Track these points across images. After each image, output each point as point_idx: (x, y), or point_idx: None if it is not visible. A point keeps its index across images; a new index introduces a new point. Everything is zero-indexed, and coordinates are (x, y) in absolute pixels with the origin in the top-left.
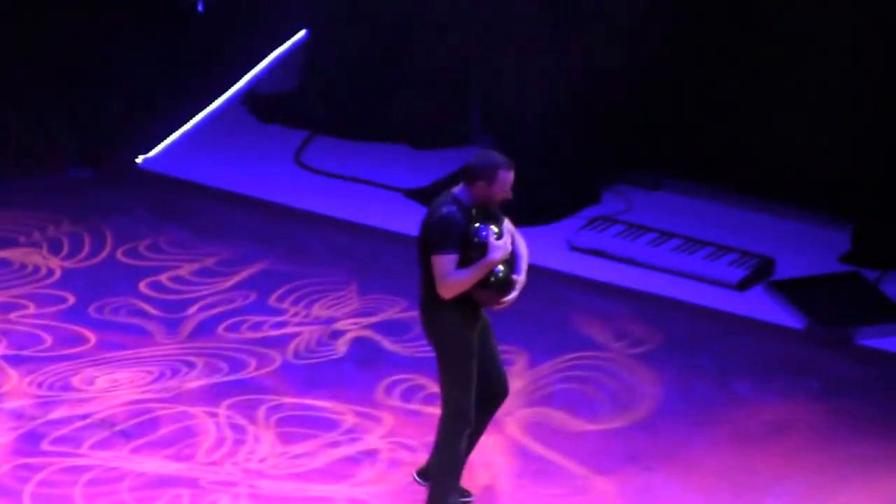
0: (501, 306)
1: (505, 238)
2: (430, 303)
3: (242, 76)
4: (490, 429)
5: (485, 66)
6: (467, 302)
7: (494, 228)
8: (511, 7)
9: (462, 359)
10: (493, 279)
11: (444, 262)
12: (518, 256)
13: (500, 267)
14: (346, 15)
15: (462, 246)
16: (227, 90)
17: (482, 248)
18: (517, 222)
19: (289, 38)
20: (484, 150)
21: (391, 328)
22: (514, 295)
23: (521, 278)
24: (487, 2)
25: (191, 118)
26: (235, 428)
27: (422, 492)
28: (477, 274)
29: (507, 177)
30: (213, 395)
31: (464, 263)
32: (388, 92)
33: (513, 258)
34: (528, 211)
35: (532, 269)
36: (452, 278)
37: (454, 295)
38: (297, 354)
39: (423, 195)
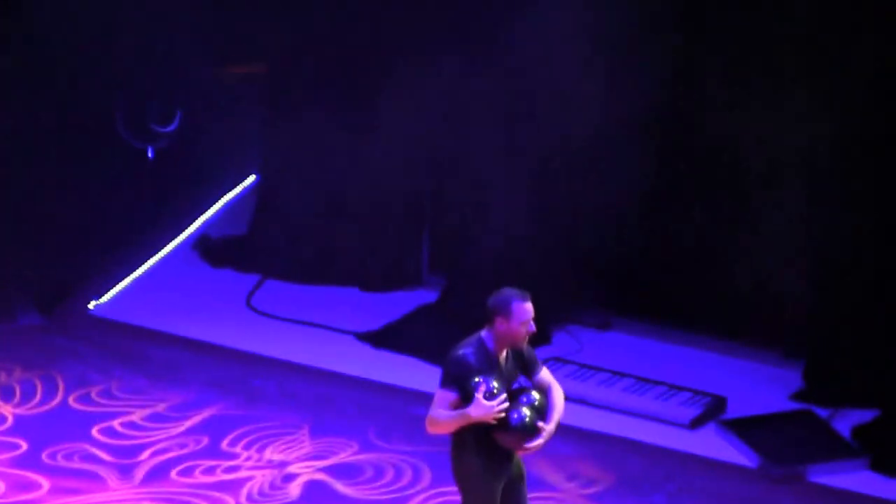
0: (525, 451)
1: (497, 400)
2: (457, 443)
3: (193, 221)
4: None
5: (433, 208)
6: (497, 449)
7: (495, 384)
8: (460, 146)
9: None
10: (517, 425)
11: (438, 398)
12: (550, 407)
13: (527, 413)
14: (293, 161)
15: (464, 389)
16: (177, 235)
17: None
18: None
19: (239, 184)
20: (500, 289)
21: (344, 471)
22: (539, 441)
23: (548, 427)
24: (437, 144)
25: (142, 263)
26: None
27: None
28: (452, 422)
29: (522, 307)
30: None
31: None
32: (336, 236)
33: (544, 407)
34: None
35: None
36: (434, 415)
37: (433, 432)
38: (250, 498)
39: (374, 337)
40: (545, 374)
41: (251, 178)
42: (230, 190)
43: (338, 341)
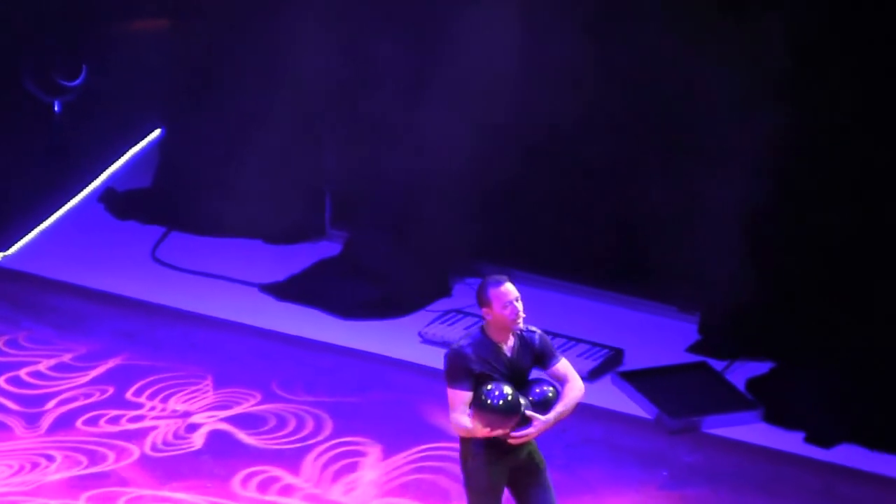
0: (515, 440)
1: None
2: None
3: (99, 174)
4: None
5: (336, 160)
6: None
7: (508, 390)
8: (364, 100)
9: (476, 490)
10: (495, 405)
11: (452, 399)
12: (559, 399)
13: (508, 392)
14: (197, 113)
15: (471, 380)
16: (83, 188)
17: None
18: (368, 315)
19: (144, 137)
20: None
21: (247, 421)
22: (530, 431)
23: (543, 417)
24: (342, 97)
25: (49, 216)
26: None
27: None
28: (472, 430)
29: (499, 291)
30: (72, 487)
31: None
32: (239, 189)
33: (553, 401)
34: (379, 304)
35: (383, 361)
36: (458, 421)
37: (462, 434)
38: (154, 447)
39: (277, 290)
40: (562, 365)
41: (156, 132)
42: (135, 144)
43: (242, 293)
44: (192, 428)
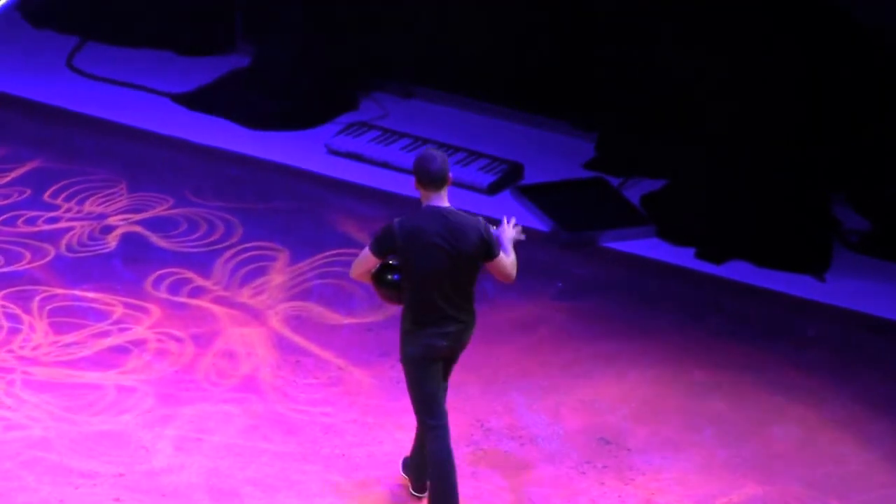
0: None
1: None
2: (473, 305)
3: None
4: (252, 321)
5: None
6: (414, 312)
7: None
8: None
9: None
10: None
11: (506, 258)
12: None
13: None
14: None
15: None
16: None
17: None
18: (276, 126)
19: None
20: (424, 157)
21: (159, 224)
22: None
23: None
24: None
25: None
26: (10, 317)
27: (186, 381)
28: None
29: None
30: None
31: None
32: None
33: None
34: (287, 116)
35: (291, 171)
36: (511, 261)
37: (514, 274)
38: (69, 248)
39: (188, 99)
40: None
41: None
42: None
43: (155, 102)
44: (107, 229)
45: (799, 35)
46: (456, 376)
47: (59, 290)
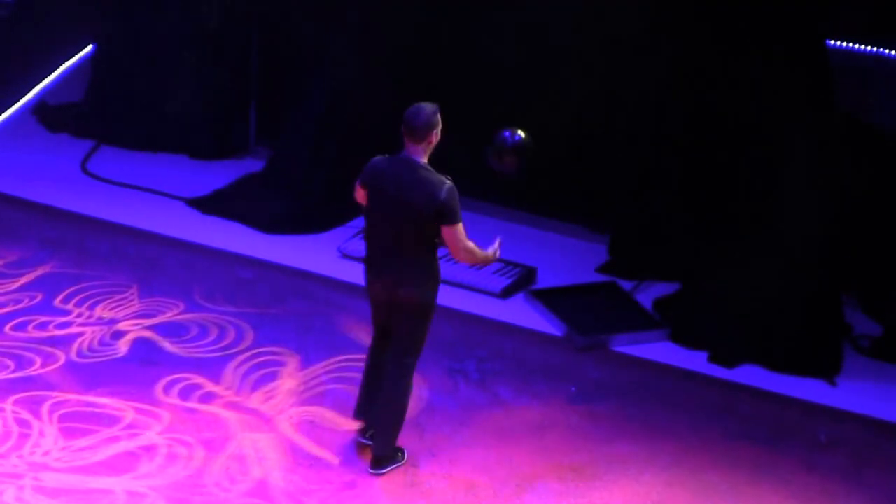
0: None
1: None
2: (428, 272)
3: (32, 88)
4: (263, 426)
5: (260, 79)
6: (366, 249)
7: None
8: (284, 18)
9: (429, 319)
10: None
11: (461, 232)
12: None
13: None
14: (128, 31)
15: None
16: (17, 100)
17: None
18: (289, 230)
19: (77, 53)
20: (412, 108)
21: (170, 329)
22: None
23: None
24: (268, 12)
25: None
26: (21, 423)
27: (197, 486)
28: (483, 258)
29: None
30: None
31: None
32: (167, 104)
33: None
34: (301, 219)
35: (304, 275)
36: (471, 246)
37: (466, 260)
38: (80, 353)
39: (202, 203)
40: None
41: (88, 48)
42: (68, 58)
43: (168, 206)
44: (118, 335)
45: (820, 141)
46: (470, 476)
47: (70, 396)
